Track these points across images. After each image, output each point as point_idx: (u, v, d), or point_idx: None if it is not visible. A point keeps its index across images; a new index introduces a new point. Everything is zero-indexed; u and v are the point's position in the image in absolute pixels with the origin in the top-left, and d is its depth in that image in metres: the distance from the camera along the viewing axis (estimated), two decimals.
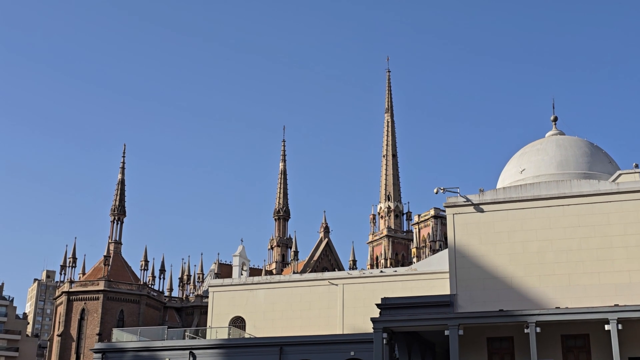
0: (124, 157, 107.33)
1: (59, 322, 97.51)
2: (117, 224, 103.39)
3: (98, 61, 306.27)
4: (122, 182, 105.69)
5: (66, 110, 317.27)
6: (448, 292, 38.63)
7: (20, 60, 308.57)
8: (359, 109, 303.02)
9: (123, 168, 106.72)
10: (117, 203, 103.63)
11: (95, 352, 50.62)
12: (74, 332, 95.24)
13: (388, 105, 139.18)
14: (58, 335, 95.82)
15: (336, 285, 55.31)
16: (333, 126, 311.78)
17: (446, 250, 45.40)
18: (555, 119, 48.01)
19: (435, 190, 40.12)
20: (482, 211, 38.90)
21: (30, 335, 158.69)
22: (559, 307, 35.07)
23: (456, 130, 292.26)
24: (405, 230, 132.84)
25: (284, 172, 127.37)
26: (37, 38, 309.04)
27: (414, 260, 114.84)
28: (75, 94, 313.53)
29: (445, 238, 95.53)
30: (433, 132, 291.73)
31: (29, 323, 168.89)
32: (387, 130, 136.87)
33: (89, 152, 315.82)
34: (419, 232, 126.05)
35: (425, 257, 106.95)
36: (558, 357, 35.65)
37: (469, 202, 39.14)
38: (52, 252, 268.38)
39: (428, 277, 50.22)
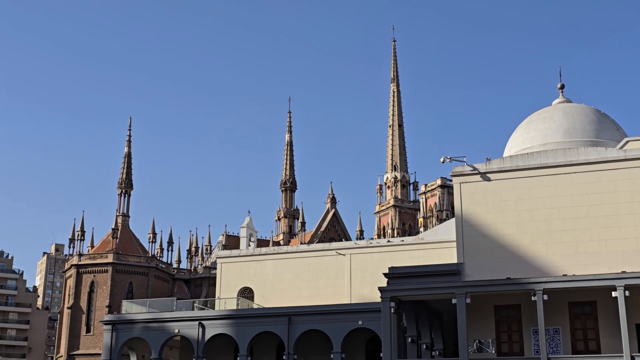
0: (130, 130, 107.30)
1: (69, 294, 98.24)
2: (125, 197, 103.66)
3: (103, 35, 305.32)
4: (128, 155, 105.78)
5: (72, 85, 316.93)
6: (455, 261, 38.76)
7: (24, 35, 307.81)
8: (364, 79, 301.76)
9: (129, 141, 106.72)
10: (124, 176, 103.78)
11: (105, 324, 51.04)
12: (83, 304, 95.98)
13: (394, 75, 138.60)
14: (68, 308, 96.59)
15: (343, 255, 55.52)
16: (339, 97, 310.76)
17: (453, 220, 45.44)
18: (562, 87, 47.76)
19: (441, 160, 40.09)
20: (488, 180, 38.87)
21: (40, 308, 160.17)
22: (566, 275, 35.17)
23: (463, 100, 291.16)
24: (412, 200, 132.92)
25: (290, 144, 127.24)
26: (40, 11, 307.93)
27: (421, 230, 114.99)
28: (79, 69, 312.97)
29: (452, 207, 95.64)
30: (439, 101, 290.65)
31: (39, 296, 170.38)
32: (393, 100, 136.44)
33: (95, 126, 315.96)
34: (426, 201, 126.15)
35: (432, 226, 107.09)
36: (565, 324, 35.83)
37: (476, 171, 39.10)
38: (61, 226, 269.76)
39: (435, 247, 50.34)
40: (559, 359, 33.94)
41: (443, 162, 40.14)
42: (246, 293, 57.87)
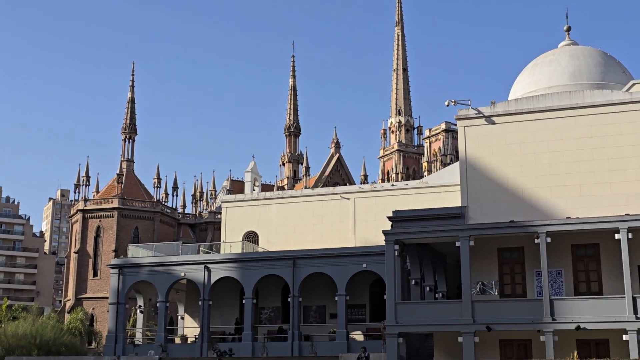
0: (132, 75, 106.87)
1: (75, 239, 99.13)
2: (129, 142, 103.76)
3: None
4: (132, 101, 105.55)
5: (75, 30, 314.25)
6: (459, 205, 38.89)
7: None
8: (368, 23, 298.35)
9: (132, 86, 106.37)
10: (128, 121, 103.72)
11: (112, 268, 51.53)
12: (90, 249, 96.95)
13: (398, 18, 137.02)
14: (75, 252, 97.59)
15: (348, 199, 55.66)
16: (343, 41, 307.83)
17: (457, 163, 45.41)
18: (569, 29, 47.17)
19: (446, 103, 39.90)
20: (493, 123, 38.74)
21: (47, 252, 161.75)
22: (569, 218, 35.29)
23: (467, 43, 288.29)
24: (416, 144, 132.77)
25: (294, 88, 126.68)
26: None
27: (425, 174, 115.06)
28: (81, 14, 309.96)
29: (456, 152, 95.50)
30: (444, 45, 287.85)
31: (45, 241, 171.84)
32: (398, 44, 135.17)
33: (98, 71, 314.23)
34: (430, 146, 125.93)
35: (436, 171, 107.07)
36: (568, 266, 36.10)
37: (480, 115, 38.95)
38: (66, 172, 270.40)
39: (439, 190, 50.41)
40: (561, 301, 34.25)
41: (447, 106, 39.98)
42: (251, 237, 58.24)
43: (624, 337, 32.40)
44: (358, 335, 46.61)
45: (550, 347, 33.03)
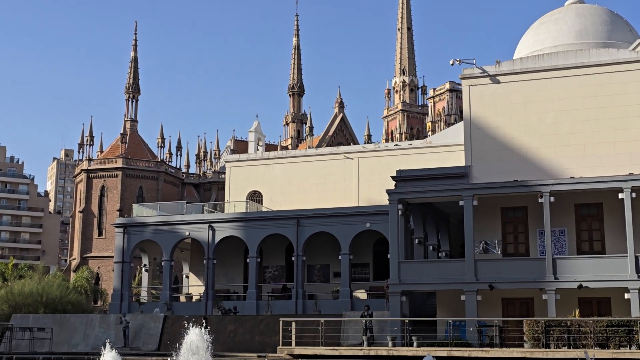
0: (135, 34, 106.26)
1: (80, 199, 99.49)
2: (132, 102, 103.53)
3: None
4: (135, 60, 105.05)
5: None
6: (463, 164, 38.89)
7: None
8: None
9: (135, 46, 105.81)
10: (131, 81, 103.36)
11: (117, 227, 51.80)
12: (95, 208, 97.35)
13: None
14: (80, 212, 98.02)
15: (351, 159, 55.67)
16: (347, 0, 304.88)
17: (461, 123, 45.32)
18: None
19: (451, 62, 39.67)
20: (498, 82, 38.55)
21: (52, 212, 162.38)
22: (573, 177, 35.29)
23: (473, 1, 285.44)
24: (420, 104, 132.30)
25: (298, 47, 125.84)
26: None
27: (429, 134, 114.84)
28: None
29: (461, 112, 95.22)
30: (449, 3, 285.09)
31: (50, 200, 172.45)
32: (402, 2, 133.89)
33: (101, 31, 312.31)
34: (434, 106, 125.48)
35: (440, 131, 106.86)
36: (571, 226, 36.19)
37: (485, 74, 38.74)
38: (69, 132, 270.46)
39: (443, 150, 50.35)
40: (564, 259, 34.41)
41: (452, 65, 39.78)
42: (255, 196, 58.41)
43: (626, 296, 32.61)
44: (361, 294, 47.00)
45: (552, 305, 33.27)
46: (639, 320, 29.40)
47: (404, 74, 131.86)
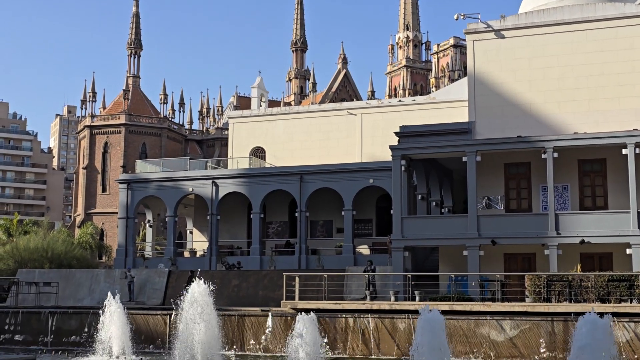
0: None
1: (83, 155, 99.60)
2: (134, 58, 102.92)
3: None
4: (136, 15, 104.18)
5: None
6: (467, 120, 38.79)
7: None
8: None
9: (137, 0, 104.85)
10: (133, 37, 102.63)
11: (121, 183, 51.91)
12: (98, 165, 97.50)
13: None
14: (83, 168, 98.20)
15: (355, 115, 55.52)
16: None
17: (465, 79, 45.08)
18: None
19: (455, 17, 39.32)
20: (502, 37, 38.24)
21: (56, 168, 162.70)
22: (577, 133, 35.21)
23: None
24: (424, 60, 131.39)
25: (301, 3, 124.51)
26: None
27: (433, 90, 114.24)
28: None
29: (465, 68, 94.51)
30: None
31: (54, 157, 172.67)
32: None
33: None
34: (438, 62, 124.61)
35: (444, 87, 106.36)
36: (574, 182, 36.22)
37: (490, 29, 38.41)
38: (72, 88, 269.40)
39: (447, 106, 50.17)
40: (567, 215, 34.50)
41: (457, 20, 39.43)
42: (258, 153, 58.38)
43: (627, 251, 32.76)
44: (364, 249, 47.25)
45: (554, 260, 33.47)
46: None
47: (407, 30, 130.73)
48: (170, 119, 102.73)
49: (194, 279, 40.40)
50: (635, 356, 26.62)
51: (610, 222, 33.48)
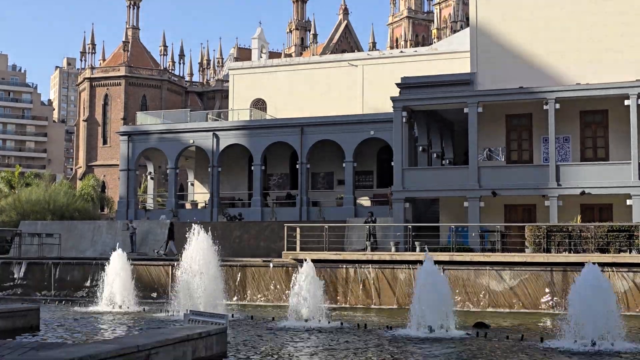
0: None
1: (84, 108, 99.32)
2: (134, 9, 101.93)
3: None
4: None
5: None
6: (468, 71, 38.55)
7: None
8: None
9: None
10: None
11: (122, 135, 51.86)
12: (99, 117, 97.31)
13: None
14: (84, 121, 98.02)
15: (356, 66, 55.20)
16: None
17: (467, 30, 44.68)
18: None
19: None
20: None
21: (56, 121, 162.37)
22: (579, 84, 35.01)
23: None
24: (426, 11, 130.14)
25: None
26: None
27: (435, 41, 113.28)
28: None
29: (467, 18, 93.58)
30: None
31: (54, 109, 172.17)
32: None
33: None
34: (440, 12, 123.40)
35: (446, 38, 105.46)
36: (575, 133, 36.12)
37: None
38: (71, 40, 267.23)
39: (448, 57, 49.87)
40: (567, 166, 34.51)
41: None
42: (259, 104, 58.20)
43: (628, 202, 32.83)
44: (365, 201, 47.37)
45: (555, 211, 33.56)
46: None
47: None
48: (170, 71, 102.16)
49: (173, 231, 40.83)
50: (634, 305, 26.88)
51: (611, 173, 33.49)
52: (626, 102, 33.30)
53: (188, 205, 52.83)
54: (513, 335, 19.45)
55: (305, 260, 23.58)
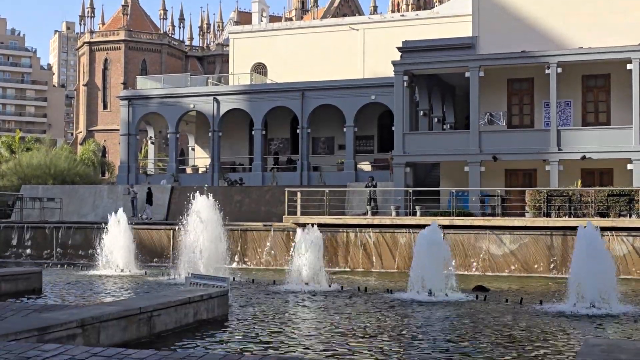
0: None
1: (83, 72, 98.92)
2: None
3: None
4: None
5: None
6: (470, 35, 38.30)
7: None
8: None
9: None
10: None
11: (122, 100, 51.75)
12: (99, 81, 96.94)
13: None
14: (84, 85, 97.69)
15: (357, 30, 54.85)
16: None
17: None
18: None
19: None
20: None
21: (56, 85, 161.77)
22: (581, 47, 34.79)
23: None
24: None
25: None
26: None
27: (436, 5, 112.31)
28: None
29: None
30: None
31: (54, 74, 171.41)
32: None
33: None
34: None
35: (448, 1, 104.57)
36: (577, 97, 36.01)
37: None
38: (70, 3, 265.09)
39: (450, 21, 49.53)
40: (568, 131, 34.45)
41: None
42: (259, 69, 57.95)
43: (628, 167, 32.83)
44: (366, 166, 47.42)
45: (555, 176, 33.58)
46: None
47: None
48: (170, 35, 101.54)
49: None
50: (633, 268, 27.02)
51: (612, 137, 33.45)
52: (628, 67, 33.14)
53: (189, 170, 52.90)
54: (512, 299, 19.58)
55: (310, 225, 23.64)
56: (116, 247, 27.52)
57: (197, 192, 25.38)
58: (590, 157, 33.48)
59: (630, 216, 28.79)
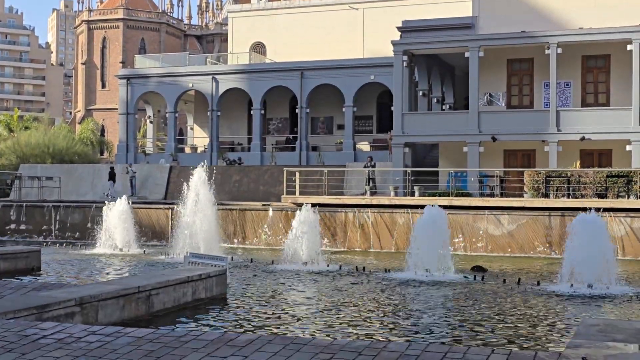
0: None
1: (82, 51, 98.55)
2: None
3: None
4: None
5: None
6: (470, 15, 38.16)
7: None
8: None
9: None
10: None
11: (120, 79, 51.60)
12: (97, 60, 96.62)
13: None
14: (82, 64, 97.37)
15: (356, 9, 54.60)
16: None
17: None
18: None
19: None
20: None
21: (55, 64, 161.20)
22: (582, 28, 34.67)
23: None
24: None
25: None
26: None
27: None
28: None
29: None
30: None
31: (52, 52, 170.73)
32: None
33: None
34: None
35: None
36: (577, 78, 35.91)
37: None
38: None
39: (450, 0, 49.29)
40: (568, 112, 34.40)
41: None
42: (258, 48, 57.73)
43: (627, 148, 32.82)
44: (365, 146, 47.38)
45: (554, 156, 33.56)
46: (639, 170, 29.73)
47: None
48: (169, 13, 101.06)
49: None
50: (631, 250, 27.09)
51: (611, 118, 33.41)
52: (629, 47, 33.03)
53: (188, 150, 52.88)
54: (510, 279, 19.64)
55: (305, 204, 23.67)
56: (115, 226, 27.55)
57: (197, 171, 25.37)
58: (590, 138, 33.45)
59: (628, 197, 28.81)
